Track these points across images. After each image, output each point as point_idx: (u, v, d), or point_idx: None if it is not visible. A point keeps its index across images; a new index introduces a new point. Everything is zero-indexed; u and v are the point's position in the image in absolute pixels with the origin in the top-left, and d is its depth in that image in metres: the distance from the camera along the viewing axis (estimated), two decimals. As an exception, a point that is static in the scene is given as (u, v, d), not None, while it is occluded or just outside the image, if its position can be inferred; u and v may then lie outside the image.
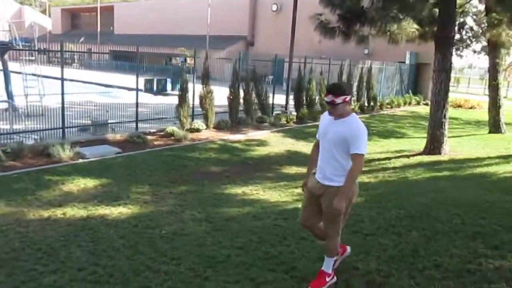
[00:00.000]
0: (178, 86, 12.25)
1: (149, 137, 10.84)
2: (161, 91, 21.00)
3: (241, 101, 13.58)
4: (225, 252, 4.57)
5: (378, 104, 20.55)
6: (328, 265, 3.83)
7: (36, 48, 16.22)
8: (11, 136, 9.60)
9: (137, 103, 11.69)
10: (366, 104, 19.71)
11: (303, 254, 4.58)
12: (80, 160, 8.58)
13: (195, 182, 7.62)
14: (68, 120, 10.66)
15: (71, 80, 12.82)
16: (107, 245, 4.72)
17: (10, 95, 13.27)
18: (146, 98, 16.06)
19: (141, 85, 17.51)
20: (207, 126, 12.45)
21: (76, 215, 5.68)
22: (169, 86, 21.81)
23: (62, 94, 9.93)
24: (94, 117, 11.40)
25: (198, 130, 11.99)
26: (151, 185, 7.30)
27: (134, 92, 11.88)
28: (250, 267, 4.24)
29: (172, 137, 11.03)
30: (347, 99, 3.43)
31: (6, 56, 14.18)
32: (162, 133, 11.44)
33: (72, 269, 4.11)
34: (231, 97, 13.05)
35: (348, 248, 4.29)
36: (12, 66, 13.79)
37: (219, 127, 12.76)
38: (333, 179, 3.56)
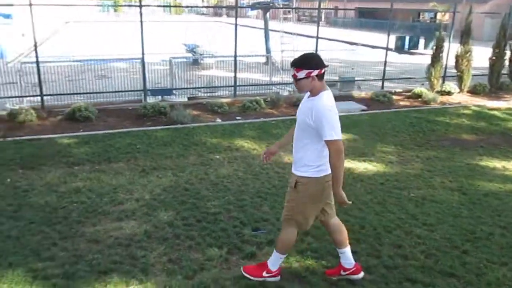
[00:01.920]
0: (431, 44, 11.35)
1: (394, 97, 10.51)
2: (412, 48, 20.17)
3: (506, 63, 11.71)
4: (485, 229, 4.09)
5: None
6: (272, 260, 3.24)
7: (293, 7, 17.46)
8: (270, 87, 10.73)
9: (385, 62, 11.42)
10: None
11: None
12: (328, 114, 8.96)
13: (444, 149, 7.06)
14: (317, 75, 11.20)
15: (319, 38, 13.38)
16: (355, 198, 4.81)
17: (268, 50, 14.79)
18: (390, 57, 15.56)
19: (391, 44, 17.11)
20: (461, 90, 11.26)
21: (325, 165, 5.97)
22: (421, 44, 20.73)
23: (316, 51, 10.43)
24: (340, 74, 11.71)
25: (449, 93, 10.98)
26: (396, 145, 7.10)
27: (377, 50, 11.62)
28: (518, 252, 3.69)
29: (419, 99, 10.43)
30: (313, 73, 2.82)
31: (267, 15, 15.75)
32: (408, 94, 10.94)
33: (325, 214, 4.35)
34: (494, 58, 11.37)
35: (361, 274, 3.28)
36: (270, 24, 15.23)
37: (474, 91, 11.42)
38: (299, 169, 3.01)
